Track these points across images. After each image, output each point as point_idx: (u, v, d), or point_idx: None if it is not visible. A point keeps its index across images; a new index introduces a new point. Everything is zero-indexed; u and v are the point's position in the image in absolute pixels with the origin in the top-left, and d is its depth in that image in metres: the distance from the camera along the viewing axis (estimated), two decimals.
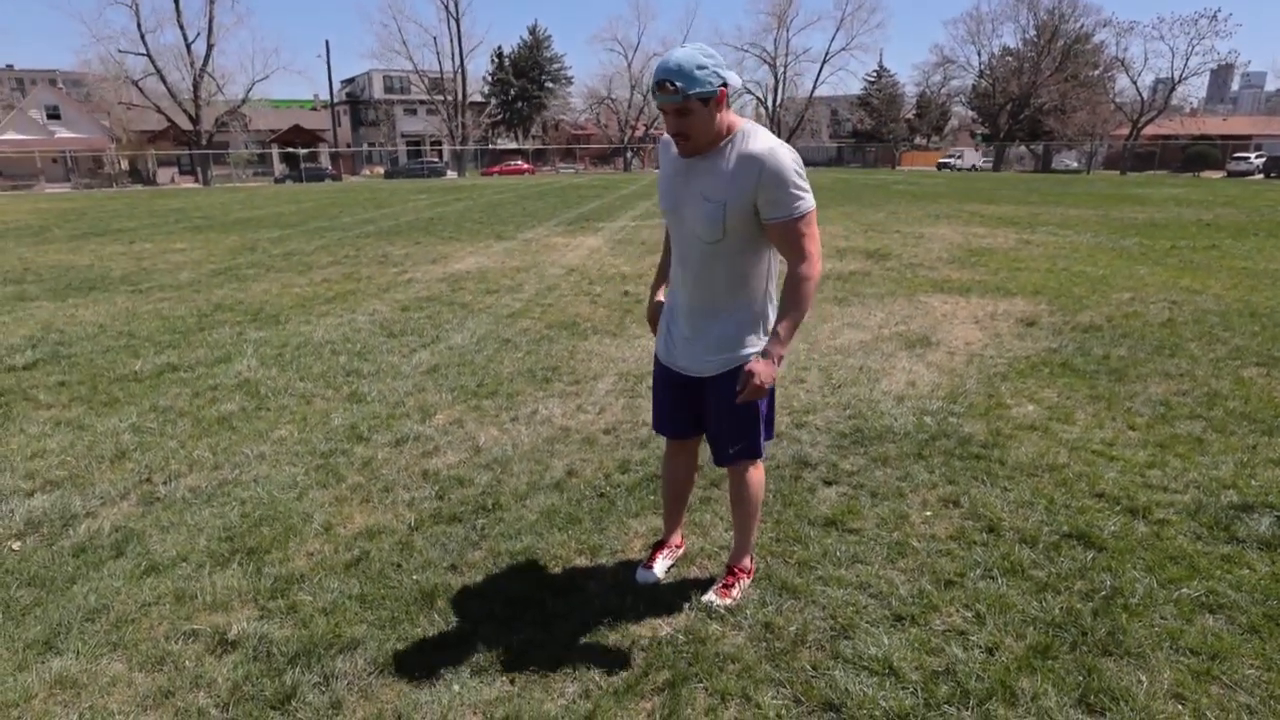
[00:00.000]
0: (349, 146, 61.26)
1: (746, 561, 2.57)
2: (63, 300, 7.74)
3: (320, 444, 3.82)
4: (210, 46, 47.48)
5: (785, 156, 2.03)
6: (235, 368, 5.18)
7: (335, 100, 58.68)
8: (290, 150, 52.88)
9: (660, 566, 2.64)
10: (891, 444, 3.73)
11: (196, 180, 47.53)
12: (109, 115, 48.33)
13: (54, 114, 49.62)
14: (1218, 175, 44.99)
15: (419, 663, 2.18)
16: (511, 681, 2.12)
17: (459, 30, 58.09)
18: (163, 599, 2.51)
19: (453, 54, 58.83)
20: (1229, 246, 10.98)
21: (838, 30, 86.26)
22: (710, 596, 2.46)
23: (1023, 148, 59.61)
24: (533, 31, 67.35)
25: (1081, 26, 56.94)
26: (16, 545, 2.87)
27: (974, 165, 58.92)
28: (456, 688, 2.09)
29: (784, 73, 67.99)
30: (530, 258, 10.55)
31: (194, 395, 4.62)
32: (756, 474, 2.43)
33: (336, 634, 2.31)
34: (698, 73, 1.94)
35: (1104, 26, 59.28)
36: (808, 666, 2.15)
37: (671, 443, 2.58)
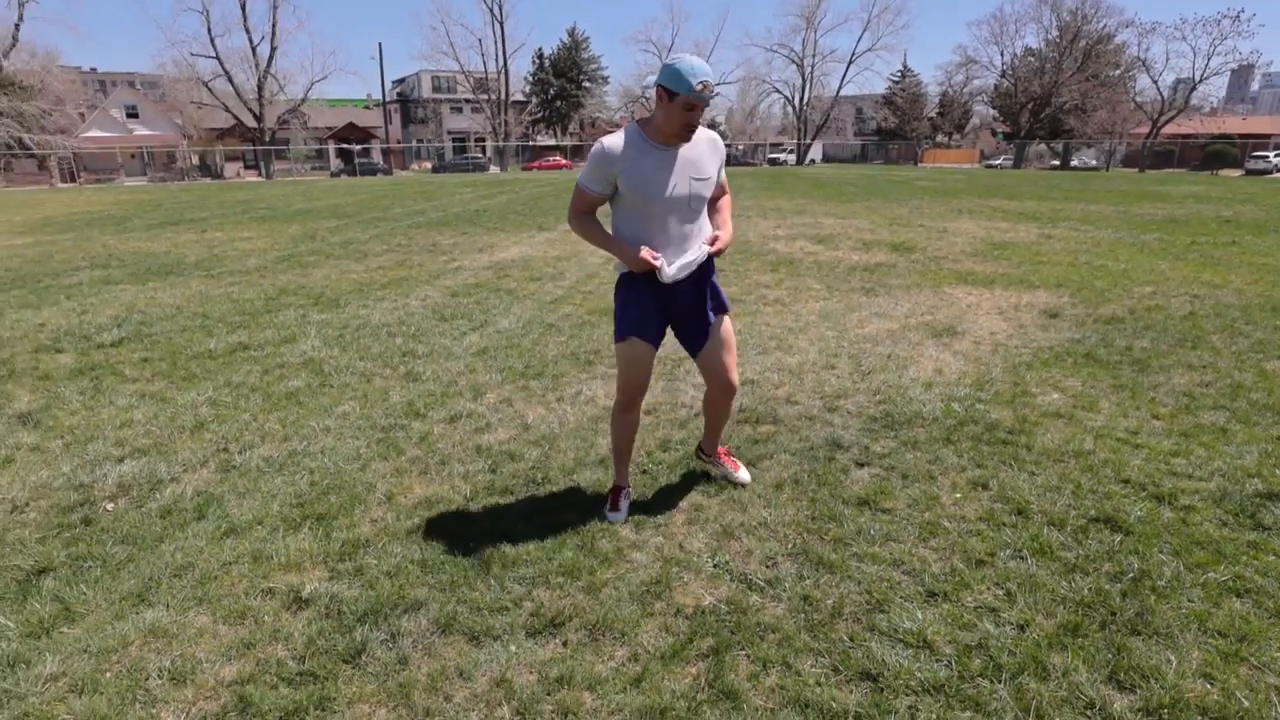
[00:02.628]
0: (399, 143, 61.80)
1: None
2: (143, 284, 7.93)
3: (380, 419, 3.87)
4: (273, 49, 48.22)
5: None
6: (300, 347, 5.26)
7: (387, 99, 59.13)
8: (345, 146, 53.52)
9: (624, 507, 2.88)
10: (921, 428, 3.67)
11: (259, 174, 48.37)
12: (181, 114, 49.41)
13: (132, 113, 50.79)
14: (1236, 174, 43.37)
15: (477, 624, 2.20)
16: (564, 644, 2.13)
17: (503, 32, 58.28)
18: (241, 559, 2.57)
19: (496, 55, 59.06)
20: (1249, 242, 10.58)
21: (864, 31, 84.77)
22: (744, 474, 3.09)
23: (1042, 145, 58.00)
24: (572, 34, 67.11)
25: (1104, 27, 55.08)
26: (110, 506, 2.96)
27: (813, 159, 56.42)
28: (513, 648, 2.10)
29: (811, 72, 66.95)
30: (571, 248, 10.55)
31: (264, 372, 4.70)
32: None
33: (401, 595, 2.34)
34: None
35: (1126, 27, 57.55)
36: (845, 638, 2.13)
37: (645, 346, 2.67)
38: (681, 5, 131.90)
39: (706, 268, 2.69)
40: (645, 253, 2.47)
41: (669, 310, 2.70)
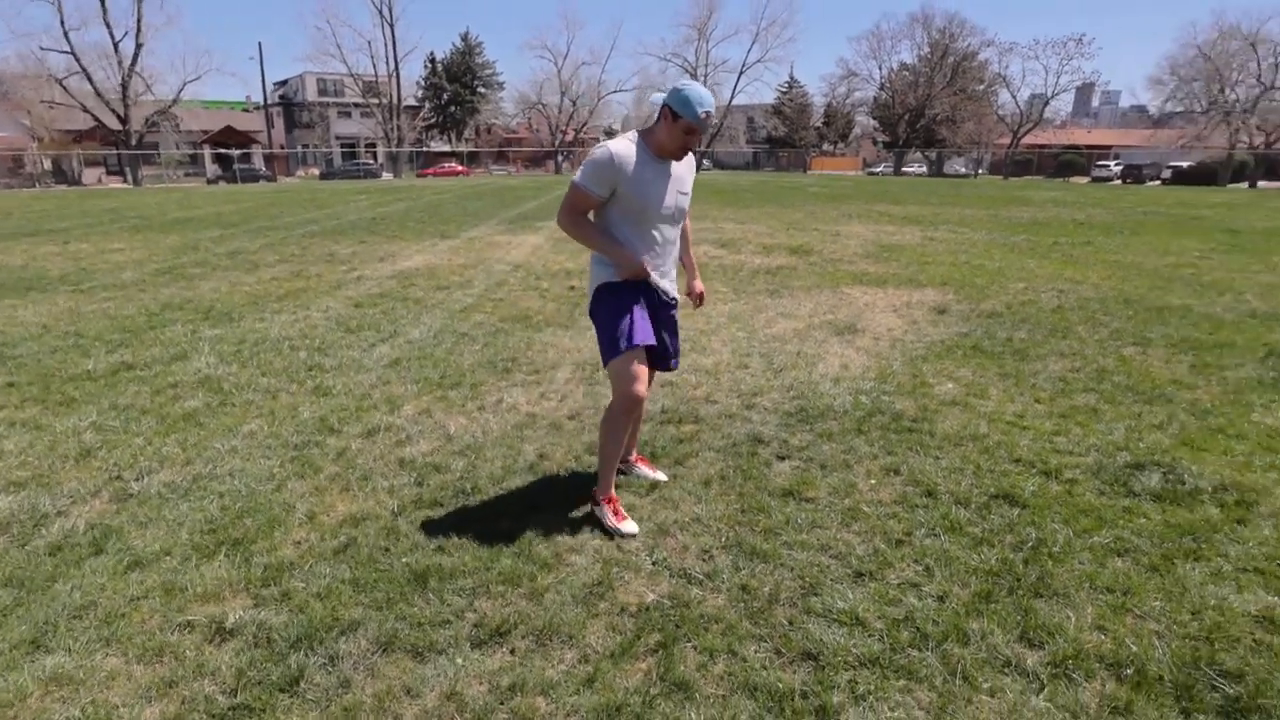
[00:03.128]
0: (283, 148, 58.62)
1: None
2: None
3: (292, 437, 3.68)
4: (139, 46, 44.64)
5: None
6: (194, 365, 4.92)
7: (268, 102, 55.96)
8: (223, 151, 50.25)
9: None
10: (834, 421, 3.86)
11: (125, 180, 44.62)
12: (30, 114, 44.75)
13: None
14: (1084, 180, 47.84)
15: (420, 639, 2.15)
16: (512, 652, 2.12)
17: (393, 35, 56.40)
18: (151, 593, 2.38)
19: (387, 58, 57.05)
20: (1101, 242, 11.73)
21: (754, 43, 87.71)
22: (662, 474, 3.20)
23: (918, 154, 62.00)
24: (465, 38, 65.92)
25: (969, 46, 59.65)
26: None
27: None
28: (460, 660, 2.07)
29: (705, 82, 68.62)
30: (476, 255, 10.37)
31: (154, 393, 4.37)
32: None
33: (335, 617, 2.24)
34: None
35: (988, 46, 62.40)
36: (784, 621, 2.22)
37: (643, 353, 2.70)
38: (576, 14, 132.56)
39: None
40: (646, 264, 2.62)
41: (654, 320, 2.77)
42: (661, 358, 2.91)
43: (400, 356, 5.14)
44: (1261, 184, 41.26)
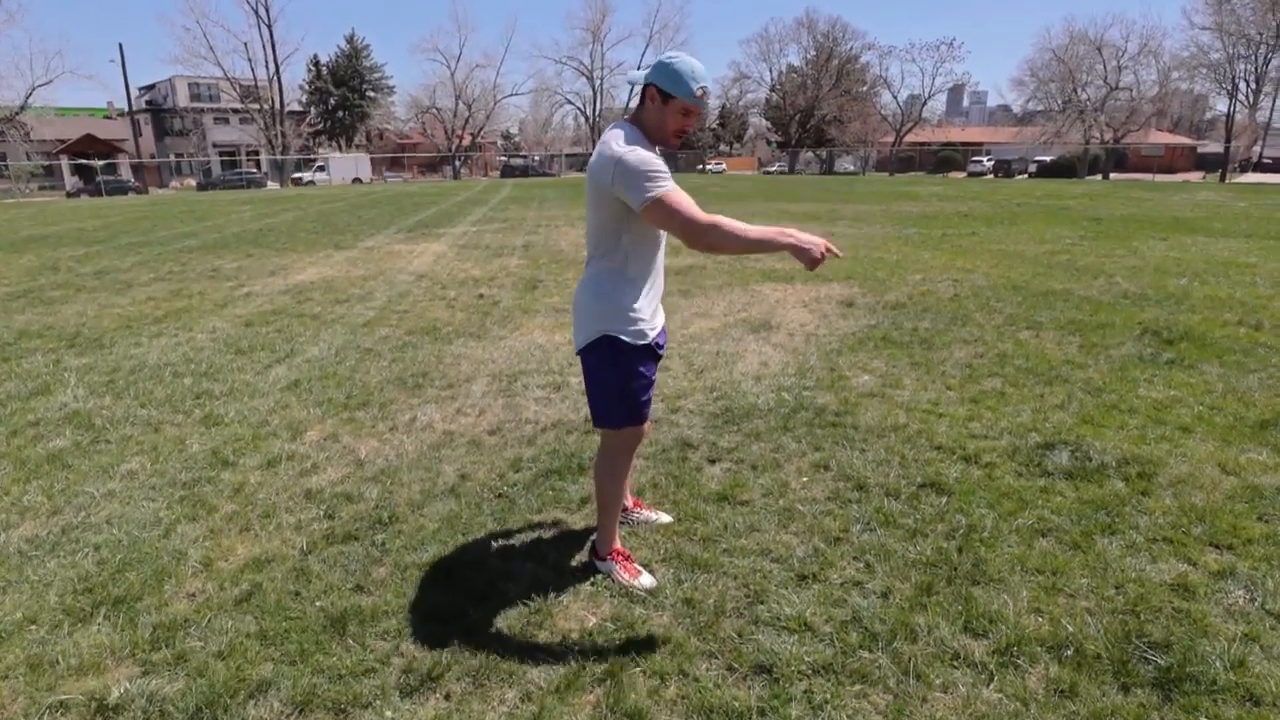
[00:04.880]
0: (153, 157, 54.42)
1: None
2: None
3: (179, 474, 3.32)
4: None
5: None
6: (58, 399, 4.39)
7: (134, 108, 51.77)
8: (83, 162, 46.08)
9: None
10: (759, 420, 3.85)
11: None
12: None
13: None
14: (960, 175, 51.01)
15: (342, 693, 1.94)
16: (447, 697, 1.94)
17: (272, 37, 53.34)
18: (13, 671, 2.05)
19: (266, 61, 53.93)
20: (985, 233, 12.46)
21: (647, 47, 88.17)
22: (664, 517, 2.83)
23: (810, 153, 64.46)
24: (350, 40, 63.26)
25: (851, 49, 62.49)
26: None
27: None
28: (389, 713, 1.87)
29: (601, 85, 68.78)
30: (375, 266, 9.88)
31: (10, 434, 3.86)
32: None
33: (240, 678, 1.99)
34: None
35: (869, 50, 65.62)
36: (733, 634, 2.14)
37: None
38: (468, 16, 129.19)
39: None
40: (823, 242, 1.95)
41: None
42: None
43: (300, 377, 4.77)
44: (1113, 176, 45.30)
